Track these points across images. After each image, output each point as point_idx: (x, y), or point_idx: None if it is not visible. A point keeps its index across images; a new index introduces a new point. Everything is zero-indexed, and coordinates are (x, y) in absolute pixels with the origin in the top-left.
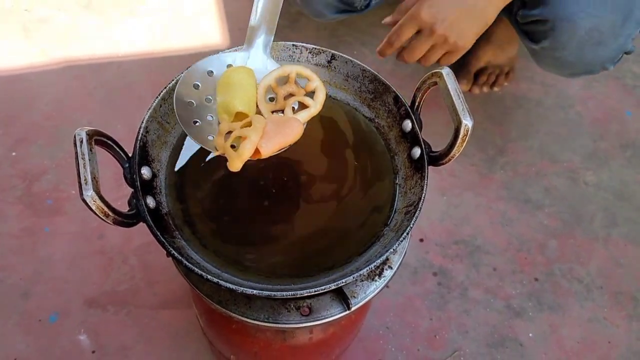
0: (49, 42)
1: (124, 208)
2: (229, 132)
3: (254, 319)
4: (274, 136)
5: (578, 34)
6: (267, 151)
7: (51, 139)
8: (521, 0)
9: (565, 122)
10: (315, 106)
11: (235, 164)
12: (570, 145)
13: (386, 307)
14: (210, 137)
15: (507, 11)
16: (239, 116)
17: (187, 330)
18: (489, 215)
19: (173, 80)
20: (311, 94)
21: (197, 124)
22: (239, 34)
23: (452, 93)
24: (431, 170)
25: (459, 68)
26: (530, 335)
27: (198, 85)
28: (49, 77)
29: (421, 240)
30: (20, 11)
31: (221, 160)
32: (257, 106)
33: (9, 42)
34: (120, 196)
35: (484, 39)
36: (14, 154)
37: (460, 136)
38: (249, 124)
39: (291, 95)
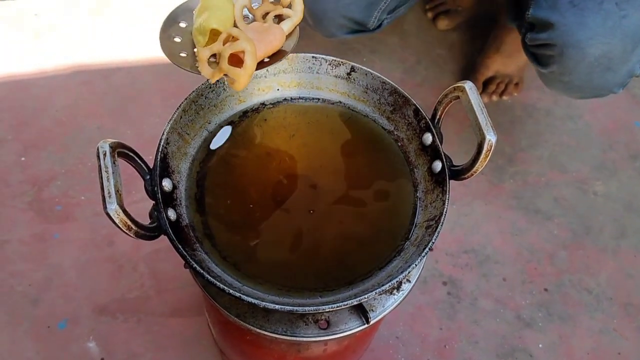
0: (58, 48)
1: (135, 215)
2: (213, 57)
3: (272, 332)
4: (257, 43)
5: (587, 60)
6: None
7: (61, 145)
8: (530, 23)
9: (574, 132)
10: (296, 15)
11: (243, 81)
12: (579, 155)
13: (396, 316)
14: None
15: (516, 21)
16: (214, 34)
17: (197, 338)
18: (499, 224)
19: (193, 92)
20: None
21: (184, 54)
22: None
23: (475, 108)
24: None
25: (468, 76)
26: (540, 346)
27: (184, 23)
28: (58, 83)
29: (430, 249)
30: (30, 16)
31: (241, 172)
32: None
33: (19, 47)
34: (129, 202)
35: (493, 48)
36: (23, 159)
37: (484, 151)
38: (228, 40)
39: (268, 13)
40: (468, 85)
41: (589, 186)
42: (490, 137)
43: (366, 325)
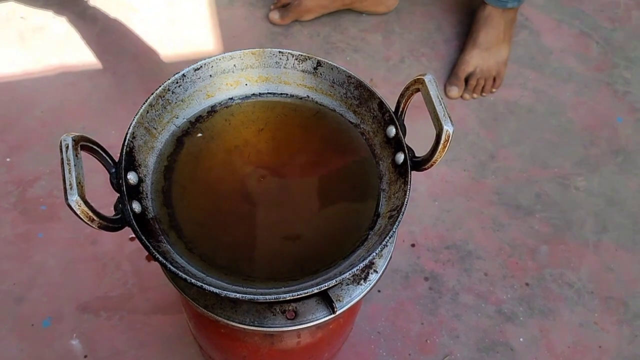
0: (44, 49)
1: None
2: None
3: (240, 323)
4: None
5: None
6: None
7: (46, 146)
8: None
9: (556, 128)
10: None
11: None
12: (561, 151)
13: (377, 311)
14: None
15: None
16: None
17: (179, 335)
18: (481, 220)
19: (160, 86)
20: None
21: None
22: (232, 42)
23: (433, 99)
24: (422, 175)
25: (450, 74)
26: (521, 340)
27: None
28: (44, 84)
29: (413, 245)
30: (16, 19)
31: (209, 166)
32: None
33: (5, 49)
34: (113, 202)
35: (470, 43)
36: (8, 160)
37: (442, 142)
38: None
39: None
40: (427, 78)
41: (571, 181)
42: (448, 128)
43: (333, 315)
